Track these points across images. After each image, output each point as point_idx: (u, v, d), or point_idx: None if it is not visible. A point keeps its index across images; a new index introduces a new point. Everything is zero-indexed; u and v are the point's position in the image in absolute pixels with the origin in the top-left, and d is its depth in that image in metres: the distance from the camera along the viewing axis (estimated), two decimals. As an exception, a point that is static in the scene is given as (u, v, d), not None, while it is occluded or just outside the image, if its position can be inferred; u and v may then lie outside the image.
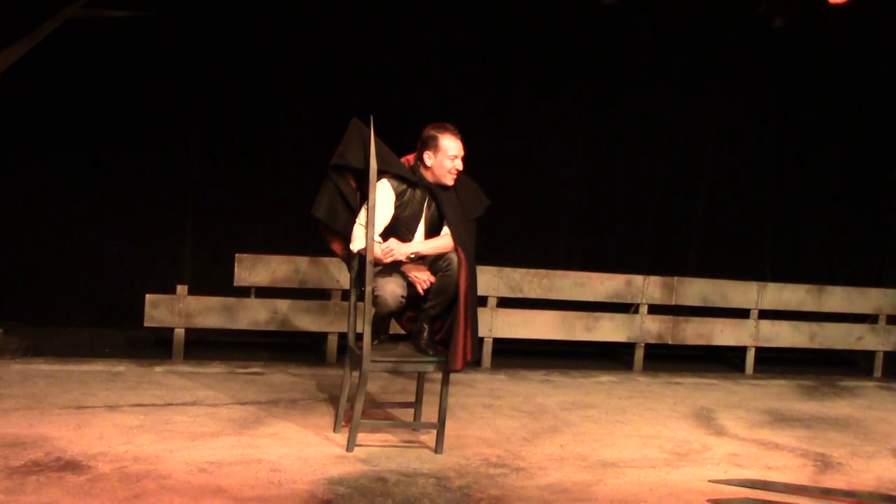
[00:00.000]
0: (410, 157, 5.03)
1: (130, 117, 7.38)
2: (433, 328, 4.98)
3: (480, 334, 7.34)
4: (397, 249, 4.83)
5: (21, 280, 7.34)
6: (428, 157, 4.92)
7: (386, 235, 4.90)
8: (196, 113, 7.53)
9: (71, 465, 4.37)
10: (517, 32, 8.01)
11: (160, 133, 7.45)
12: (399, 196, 4.93)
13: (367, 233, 4.73)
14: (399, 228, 4.94)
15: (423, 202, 4.97)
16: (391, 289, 4.82)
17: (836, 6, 7.67)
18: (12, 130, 6.99)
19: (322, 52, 7.67)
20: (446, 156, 4.90)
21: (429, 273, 4.88)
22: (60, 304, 7.46)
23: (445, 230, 4.92)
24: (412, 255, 4.90)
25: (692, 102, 8.57)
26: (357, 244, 4.85)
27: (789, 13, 8.01)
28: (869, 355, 8.40)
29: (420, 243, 4.93)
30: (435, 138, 4.91)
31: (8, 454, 4.43)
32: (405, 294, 4.88)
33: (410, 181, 4.94)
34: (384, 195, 4.89)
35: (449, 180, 4.93)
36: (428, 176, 4.95)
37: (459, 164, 4.92)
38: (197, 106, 7.51)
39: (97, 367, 6.36)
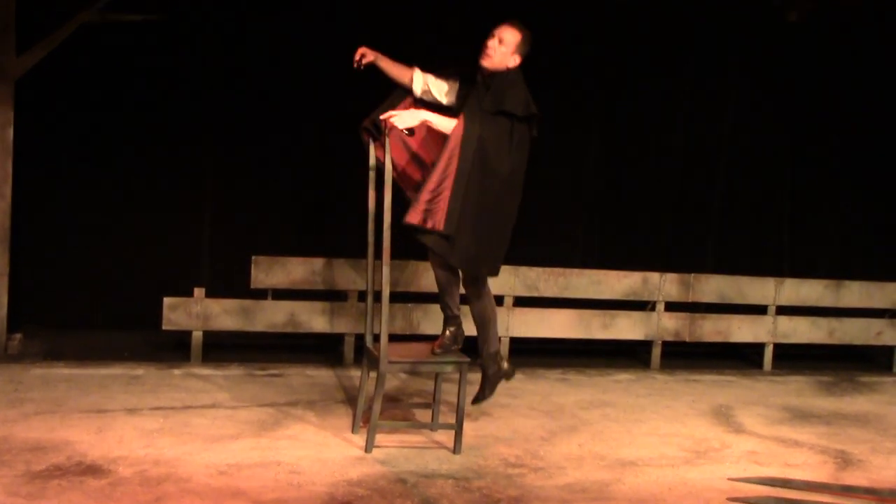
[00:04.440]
0: None
1: (147, 121, 7.40)
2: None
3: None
4: (404, 116, 4.83)
5: (40, 284, 7.37)
6: None
7: None
8: (212, 116, 7.54)
9: (92, 469, 4.40)
10: (530, 24, 7.96)
11: (177, 136, 7.48)
12: (459, 92, 5.04)
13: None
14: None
15: (470, 96, 4.97)
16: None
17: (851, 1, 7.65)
18: (30, 135, 7.03)
19: (338, 52, 7.64)
20: (489, 35, 4.97)
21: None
22: (79, 307, 7.49)
23: None
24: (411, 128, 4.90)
25: (708, 95, 8.52)
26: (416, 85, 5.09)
27: (804, 6, 7.96)
28: (888, 350, 8.35)
29: (425, 114, 4.89)
30: None
31: (30, 458, 4.47)
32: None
33: (468, 77, 5.02)
34: (443, 85, 5.11)
35: (482, 57, 4.93)
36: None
37: (492, 43, 4.93)
38: (213, 109, 7.53)
39: (117, 370, 6.39)
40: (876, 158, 8.85)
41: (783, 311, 8.04)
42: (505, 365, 5.29)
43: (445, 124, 4.83)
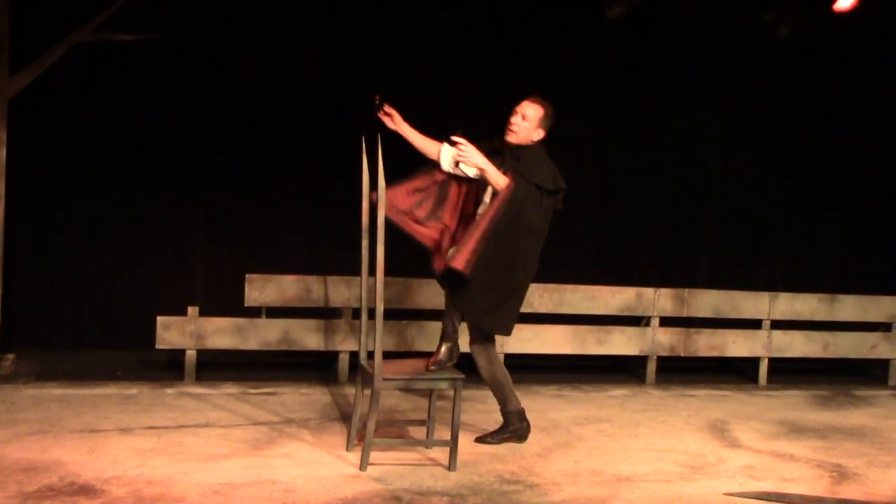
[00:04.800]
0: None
1: (139, 140, 7.40)
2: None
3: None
4: (473, 154, 5.07)
5: (33, 304, 7.35)
6: None
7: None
8: (205, 135, 7.55)
9: (85, 490, 4.37)
10: (522, 43, 8.01)
11: (169, 156, 7.47)
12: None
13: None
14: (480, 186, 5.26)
15: (498, 163, 5.17)
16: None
17: (842, 13, 7.68)
18: (22, 155, 7.03)
19: (331, 71, 7.69)
20: (512, 112, 5.26)
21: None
22: (72, 327, 7.47)
23: None
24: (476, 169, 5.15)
25: (700, 111, 8.55)
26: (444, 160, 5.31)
27: (795, 21, 8.00)
28: (883, 364, 8.35)
29: (487, 162, 5.10)
30: None
31: (22, 479, 4.44)
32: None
33: (498, 150, 5.26)
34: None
35: (507, 134, 5.21)
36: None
37: (515, 119, 5.21)
38: (206, 128, 7.53)
39: (110, 390, 6.37)
40: (869, 172, 8.88)
41: (778, 325, 8.05)
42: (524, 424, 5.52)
43: (498, 179, 5.08)
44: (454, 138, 5.14)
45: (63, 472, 4.59)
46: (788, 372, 8.12)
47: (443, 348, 5.17)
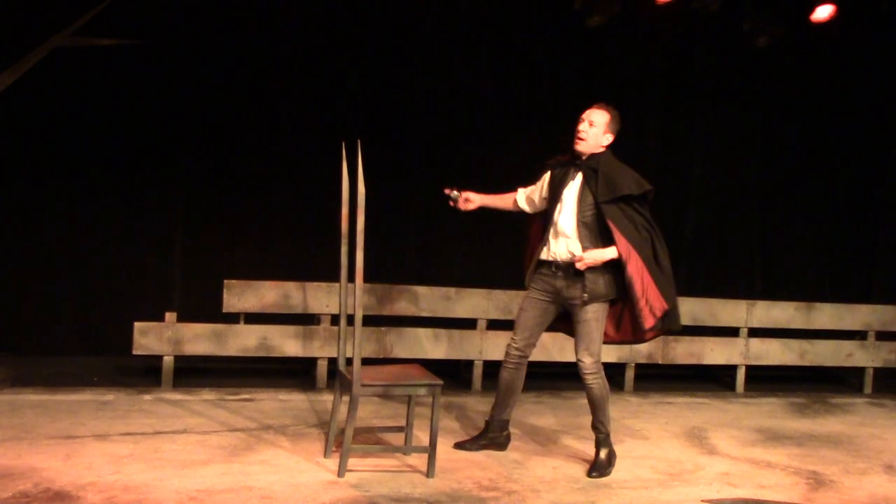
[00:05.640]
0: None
1: (118, 145, 7.36)
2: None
3: (470, 356, 7.37)
4: (593, 257, 5.13)
5: (8, 310, 7.29)
6: None
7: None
8: (184, 140, 7.51)
9: (60, 496, 4.33)
10: (500, 49, 8.03)
11: (147, 160, 7.43)
12: (553, 177, 5.35)
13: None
14: (549, 200, 5.32)
15: (568, 179, 5.26)
16: None
17: (819, 24, 7.75)
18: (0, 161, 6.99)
19: (311, 78, 7.69)
20: (579, 120, 5.26)
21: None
22: (49, 333, 7.41)
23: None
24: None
25: (679, 120, 8.60)
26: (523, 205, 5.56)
27: (773, 32, 8.06)
28: (859, 372, 8.41)
29: (602, 252, 5.15)
30: None
31: (-4, 486, 4.40)
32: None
33: (564, 162, 5.34)
34: (537, 188, 5.48)
35: (576, 142, 5.22)
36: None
37: (583, 126, 5.21)
38: (185, 133, 7.50)
39: (86, 396, 6.32)
40: (845, 181, 8.96)
41: (755, 333, 8.09)
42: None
43: (611, 253, 5.14)
44: (468, 207, 5.47)
45: (38, 479, 4.54)
46: (765, 380, 8.16)
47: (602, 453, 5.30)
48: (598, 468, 5.21)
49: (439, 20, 7.81)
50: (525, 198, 5.54)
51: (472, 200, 5.48)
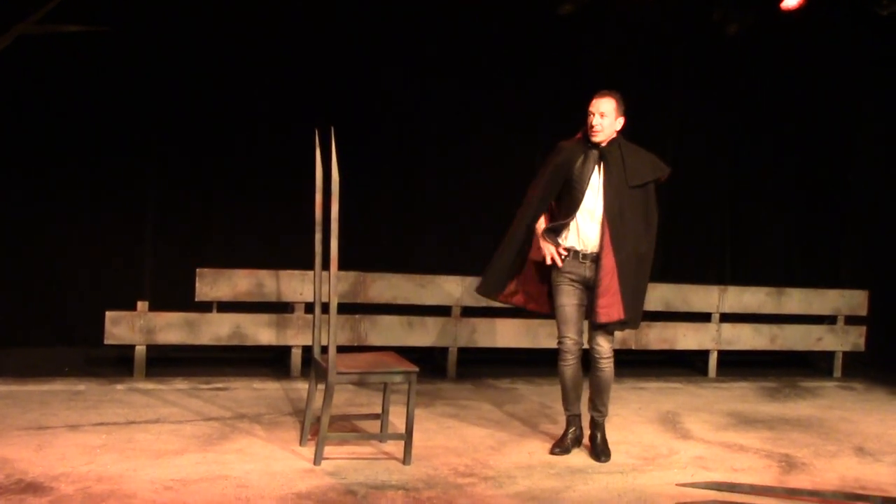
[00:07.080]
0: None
1: (86, 132, 7.27)
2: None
3: (444, 343, 7.37)
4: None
5: (-23, 300, 7.21)
6: None
7: (559, 197, 5.33)
8: (154, 127, 7.43)
9: (32, 487, 4.30)
10: (471, 40, 8.00)
11: (118, 148, 7.35)
12: (572, 161, 5.26)
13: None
14: (571, 190, 5.26)
15: (591, 165, 5.24)
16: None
17: (789, 11, 7.79)
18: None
19: (283, 64, 7.62)
20: (589, 114, 5.23)
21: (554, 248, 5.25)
22: (18, 323, 7.30)
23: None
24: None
25: (650, 104, 8.62)
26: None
27: (743, 20, 8.09)
28: (828, 356, 8.49)
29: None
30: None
31: (-33, 477, 4.35)
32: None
33: (582, 148, 5.28)
34: (558, 158, 5.35)
35: (593, 136, 5.22)
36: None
37: (596, 120, 5.20)
38: (155, 120, 7.42)
39: (57, 386, 6.26)
40: (813, 168, 9.03)
41: (727, 318, 8.15)
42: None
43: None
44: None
45: (10, 470, 4.50)
46: (737, 364, 8.23)
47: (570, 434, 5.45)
48: (605, 452, 5.34)
49: (411, 8, 7.77)
50: (547, 205, 5.43)
51: (558, 253, 5.34)
